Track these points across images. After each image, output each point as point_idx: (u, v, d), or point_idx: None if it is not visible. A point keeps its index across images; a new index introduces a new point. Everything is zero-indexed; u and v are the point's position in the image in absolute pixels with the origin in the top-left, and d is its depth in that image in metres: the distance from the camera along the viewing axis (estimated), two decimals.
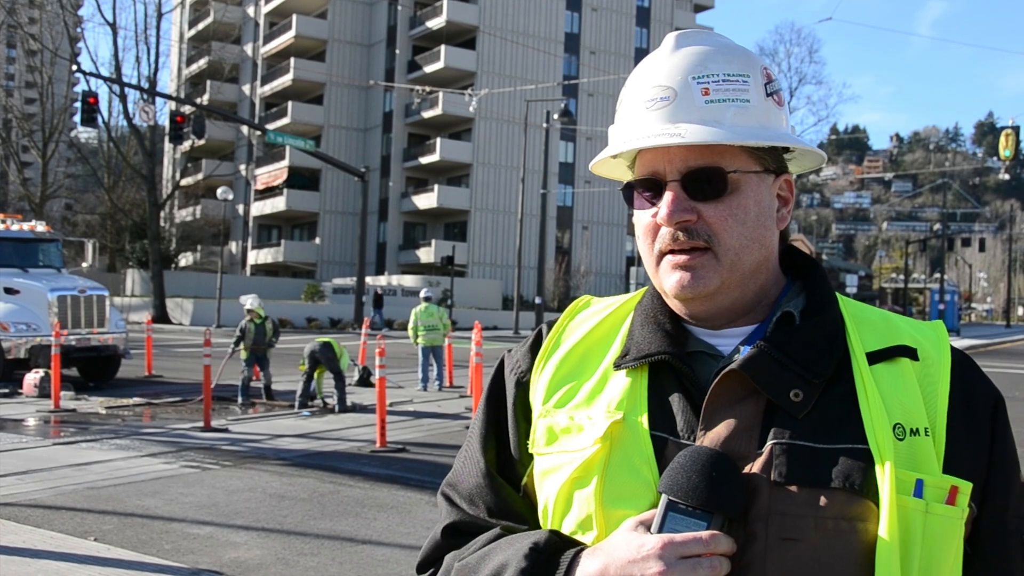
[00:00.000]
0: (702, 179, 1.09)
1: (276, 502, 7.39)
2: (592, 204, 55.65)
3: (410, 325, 15.87)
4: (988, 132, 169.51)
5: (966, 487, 1.04)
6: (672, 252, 1.12)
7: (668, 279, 1.12)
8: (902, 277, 67.82)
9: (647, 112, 1.11)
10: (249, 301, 13.98)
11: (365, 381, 15.53)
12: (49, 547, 5.82)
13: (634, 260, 56.66)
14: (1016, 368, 23.96)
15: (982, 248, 64.15)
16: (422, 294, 16.67)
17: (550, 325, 1.26)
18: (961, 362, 1.12)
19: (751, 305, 1.15)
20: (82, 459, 9.03)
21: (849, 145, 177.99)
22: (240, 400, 13.35)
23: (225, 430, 10.99)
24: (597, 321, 1.23)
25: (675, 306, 1.16)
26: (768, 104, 1.12)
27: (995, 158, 71.14)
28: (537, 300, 36.10)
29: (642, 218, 1.15)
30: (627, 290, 54.68)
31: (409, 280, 47.34)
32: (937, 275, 67.14)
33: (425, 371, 15.59)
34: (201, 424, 11.07)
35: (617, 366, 1.15)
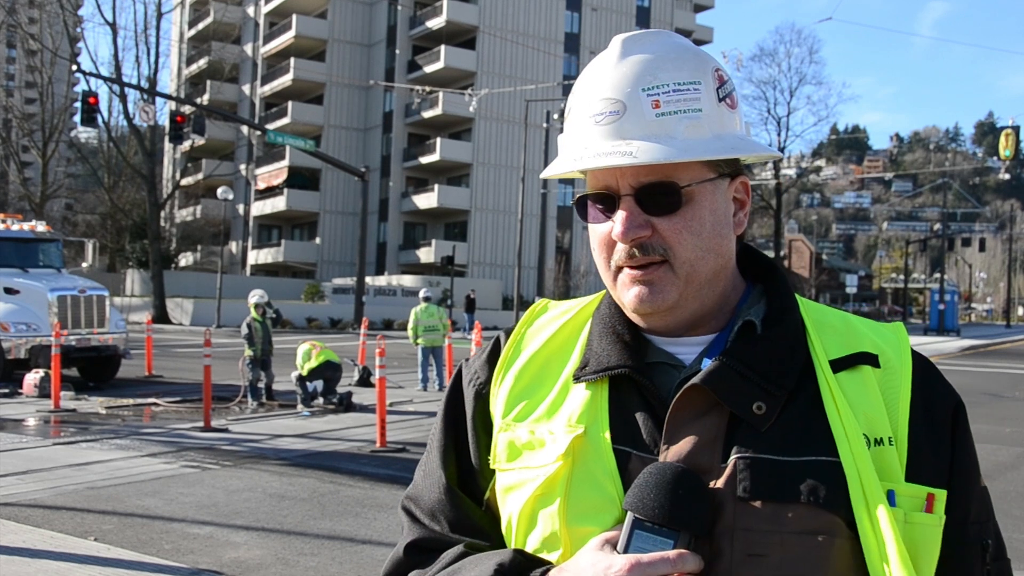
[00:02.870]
0: (656, 194, 1.07)
1: (276, 502, 7.39)
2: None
3: (410, 325, 15.88)
4: (988, 132, 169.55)
5: (942, 495, 1.03)
6: (629, 267, 1.10)
7: (626, 294, 1.10)
8: (902, 277, 67.83)
9: (596, 126, 1.08)
10: (256, 296, 14.00)
11: (365, 381, 15.53)
12: (49, 547, 5.82)
13: None
14: (1016, 368, 23.92)
15: (982, 248, 64.17)
16: (421, 294, 16.67)
17: (508, 333, 1.24)
18: (922, 367, 1.11)
19: (711, 313, 1.13)
20: (82, 459, 9.02)
21: (849, 145, 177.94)
22: (251, 402, 13.29)
23: (225, 430, 10.99)
24: (555, 329, 1.20)
25: (634, 317, 1.14)
26: (721, 110, 1.09)
27: (995, 158, 71.09)
28: (537, 300, 36.12)
29: (596, 231, 1.13)
30: None
31: (409, 280, 47.34)
32: (937, 275, 67.15)
33: (425, 371, 15.60)
34: (201, 424, 11.07)
35: (577, 378, 1.12)
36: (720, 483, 1.01)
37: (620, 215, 1.08)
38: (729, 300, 1.14)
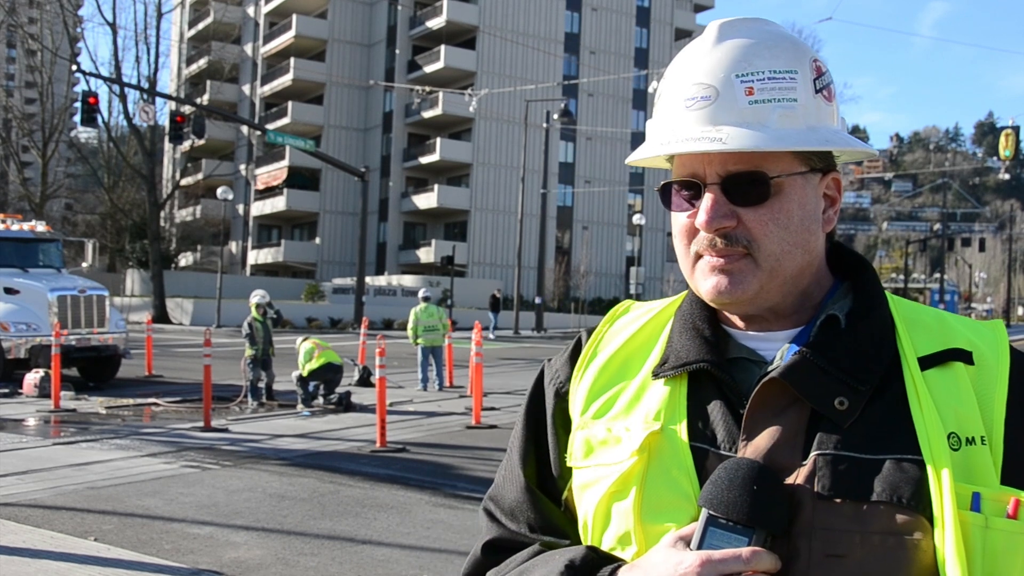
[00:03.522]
0: (743, 184, 1.04)
1: (276, 502, 7.38)
2: (592, 204, 55.64)
3: (409, 325, 15.88)
4: (988, 132, 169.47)
5: None
6: (710, 255, 1.07)
7: (704, 283, 1.07)
8: (902, 277, 67.82)
9: (687, 112, 1.05)
10: (258, 296, 14.01)
11: (365, 381, 15.52)
12: (49, 547, 5.82)
13: (634, 260, 56.66)
14: None
15: (982, 248, 64.17)
16: (421, 294, 16.66)
17: (589, 332, 1.22)
18: (1021, 366, 1.05)
19: (794, 308, 1.10)
20: (82, 459, 9.02)
21: None
22: (251, 402, 13.29)
23: (225, 430, 10.98)
24: (637, 328, 1.19)
25: (712, 305, 1.11)
26: (817, 101, 1.06)
27: (995, 158, 71.14)
28: (537, 300, 36.14)
29: (679, 219, 1.10)
30: (627, 290, 54.73)
31: (409, 280, 47.34)
32: (937, 275, 67.16)
33: (424, 371, 15.59)
34: (201, 424, 11.07)
35: (655, 375, 1.11)
36: (800, 480, 0.98)
37: (705, 202, 1.05)
38: (814, 295, 1.11)
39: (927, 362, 1.04)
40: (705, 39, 1.09)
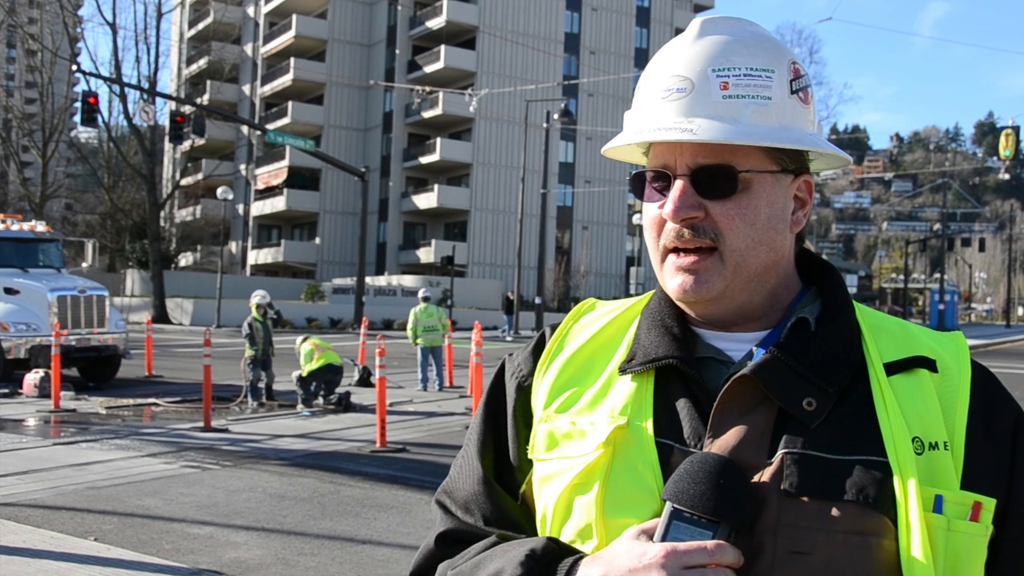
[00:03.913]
0: (712, 176, 1.05)
1: (276, 502, 7.39)
2: (592, 204, 55.65)
3: (409, 325, 15.86)
4: (988, 132, 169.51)
5: (989, 503, 1.00)
6: (676, 251, 1.08)
7: (671, 281, 1.09)
8: (902, 277, 67.81)
9: (663, 102, 1.07)
10: (258, 296, 14.03)
11: (365, 381, 15.52)
12: (49, 547, 5.82)
13: (634, 260, 56.65)
14: (1016, 368, 23.91)
15: (982, 248, 64.18)
16: (420, 294, 16.65)
17: (554, 328, 1.22)
18: (982, 376, 1.08)
19: (762, 309, 1.11)
20: (82, 459, 9.02)
21: (849, 145, 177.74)
22: (251, 402, 13.28)
23: (225, 430, 10.98)
24: (602, 324, 1.19)
25: (679, 304, 1.13)
26: (792, 102, 1.08)
27: (995, 158, 71.16)
28: (537, 300, 36.10)
29: (650, 210, 1.11)
30: (627, 290, 54.75)
31: (409, 280, 47.34)
32: (937, 275, 67.15)
33: (424, 371, 15.59)
34: (201, 424, 11.07)
35: (622, 371, 1.11)
36: (766, 478, 0.99)
37: (673, 193, 1.06)
38: (782, 298, 1.12)
39: (892, 368, 1.06)
40: (687, 34, 1.10)
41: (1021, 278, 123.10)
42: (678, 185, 1.06)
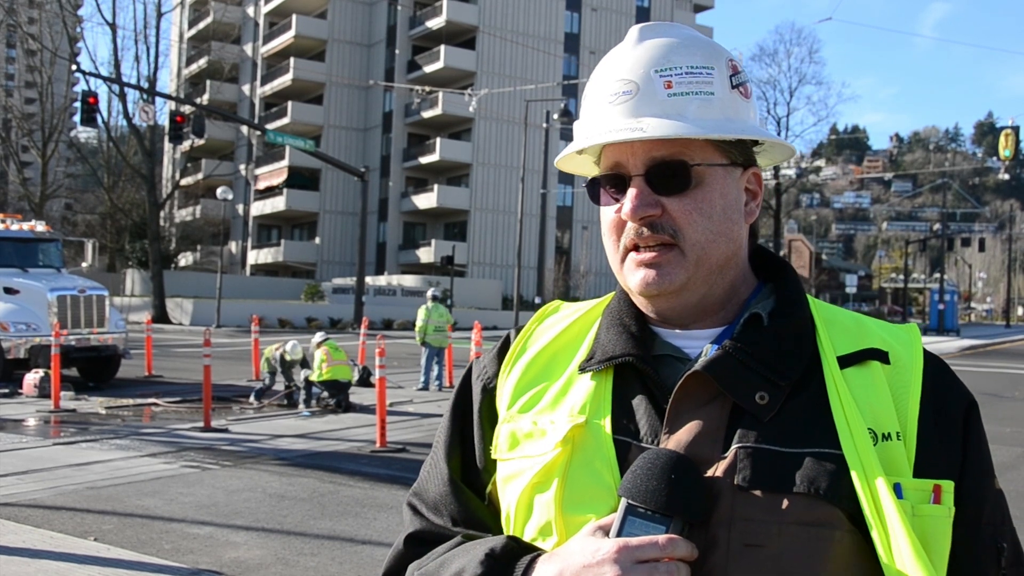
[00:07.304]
0: (666, 172, 1.08)
1: (276, 502, 7.39)
2: (591, 204, 55.23)
3: (418, 324, 15.71)
4: (988, 132, 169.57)
5: (948, 486, 1.01)
6: (637, 249, 1.10)
7: (633, 277, 1.11)
8: (902, 277, 67.82)
9: (610, 107, 1.10)
10: (288, 346, 13.63)
11: (365, 381, 15.51)
12: (49, 547, 5.82)
13: None
14: (1016, 368, 23.95)
15: (982, 248, 64.18)
16: (430, 293, 16.54)
17: (519, 330, 1.24)
18: (934, 366, 1.10)
19: (720, 304, 1.13)
20: (82, 459, 9.02)
21: (849, 145, 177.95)
22: (255, 403, 13.26)
23: (225, 430, 10.98)
24: (565, 325, 1.21)
25: (642, 305, 1.15)
26: (733, 96, 1.11)
27: (995, 158, 71.16)
28: (537, 300, 36.10)
29: (607, 214, 1.13)
30: None
31: (409, 280, 47.33)
32: (937, 275, 67.16)
33: (428, 371, 15.54)
34: (201, 424, 11.07)
35: (582, 369, 1.13)
36: (719, 472, 1.00)
37: (630, 192, 1.09)
38: (739, 294, 1.15)
39: (846, 361, 1.07)
40: (627, 41, 1.14)
41: (1021, 278, 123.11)
42: (634, 185, 1.09)
